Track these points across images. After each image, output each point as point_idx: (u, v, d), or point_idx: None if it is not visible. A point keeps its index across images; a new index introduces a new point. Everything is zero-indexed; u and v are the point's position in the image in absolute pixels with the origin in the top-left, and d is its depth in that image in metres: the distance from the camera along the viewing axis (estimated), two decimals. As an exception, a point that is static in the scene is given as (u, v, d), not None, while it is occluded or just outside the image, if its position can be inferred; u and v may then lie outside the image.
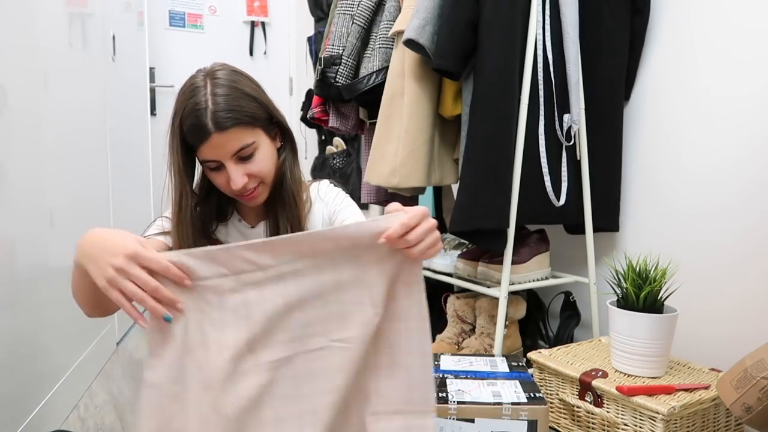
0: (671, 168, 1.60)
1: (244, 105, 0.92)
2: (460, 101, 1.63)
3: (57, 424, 1.51)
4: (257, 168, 0.94)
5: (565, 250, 1.87)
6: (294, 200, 1.01)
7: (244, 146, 0.92)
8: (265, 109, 0.97)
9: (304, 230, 1.01)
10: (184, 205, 0.96)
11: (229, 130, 0.90)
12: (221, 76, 0.93)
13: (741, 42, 1.43)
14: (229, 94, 0.91)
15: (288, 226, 1.01)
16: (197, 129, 0.90)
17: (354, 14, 1.82)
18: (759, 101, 1.40)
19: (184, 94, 0.93)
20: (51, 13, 1.60)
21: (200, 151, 0.92)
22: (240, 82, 0.94)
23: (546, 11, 1.53)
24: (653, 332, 1.26)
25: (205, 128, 0.89)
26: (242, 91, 0.93)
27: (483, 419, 1.10)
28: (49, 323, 1.52)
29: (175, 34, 3.49)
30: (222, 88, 0.91)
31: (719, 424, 1.27)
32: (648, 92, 1.66)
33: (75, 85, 1.79)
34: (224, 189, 0.97)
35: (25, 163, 1.38)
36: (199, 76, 0.93)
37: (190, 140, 0.92)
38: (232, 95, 0.91)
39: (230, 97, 0.91)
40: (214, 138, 0.90)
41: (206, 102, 0.90)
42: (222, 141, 0.90)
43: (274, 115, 0.99)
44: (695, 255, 1.53)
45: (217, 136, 0.90)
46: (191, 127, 0.90)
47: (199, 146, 0.91)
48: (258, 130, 0.95)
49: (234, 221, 1.06)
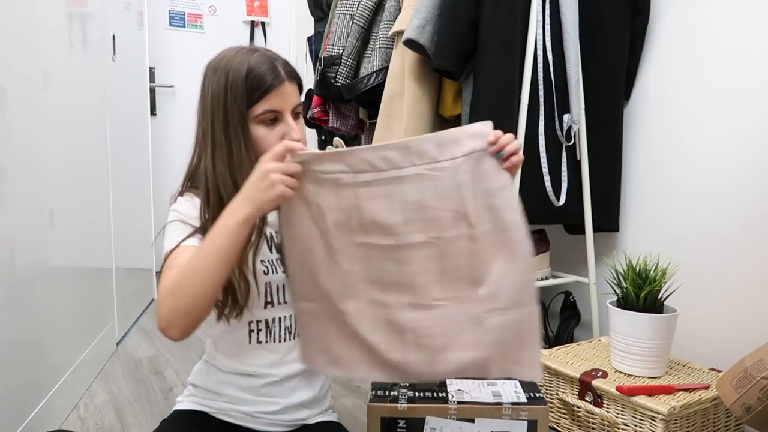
0: (671, 168, 1.60)
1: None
2: (460, 101, 1.63)
3: (57, 424, 1.51)
4: (300, 130, 0.97)
5: (565, 250, 1.87)
6: None
7: (299, 103, 0.97)
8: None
9: None
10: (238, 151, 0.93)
11: (295, 81, 0.96)
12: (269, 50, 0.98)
13: (741, 42, 1.43)
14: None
15: None
16: (272, 74, 0.92)
17: (354, 14, 1.82)
18: (760, 102, 1.40)
19: (238, 55, 0.94)
20: (51, 13, 1.60)
21: (265, 100, 0.93)
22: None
23: (546, 11, 1.53)
24: (653, 332, 1.26)
25: (279, 74, 0.93)
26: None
27: (483, 419, 1.10)
28: (49, 323, 1.52)
29: (175, 34, 3.49)
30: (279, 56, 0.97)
31: (719, 424, 1.27)
32: (648, 92, 1.66)
33: (75, 85, 1.79)
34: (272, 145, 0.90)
35: (25, 163, 1.38)
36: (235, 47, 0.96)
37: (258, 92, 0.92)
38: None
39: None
40: (285, 85, 0.93)
41: (274, 54, 0.95)
42: (290, 91, 0.94)
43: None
44: (695, 255, 1.53)
45: (288, 84, 0.94)
46: (265, 73, 0.92)
47: (267, 95, 0.92)
48: None
49: None
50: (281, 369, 1.01)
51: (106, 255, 2.08)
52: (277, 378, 1.01)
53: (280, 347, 1.01)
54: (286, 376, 1.02)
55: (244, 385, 1.01)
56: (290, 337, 1.02)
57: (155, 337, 2.28)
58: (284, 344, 1.01)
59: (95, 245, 1.98)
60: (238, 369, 1.01)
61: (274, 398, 1.02)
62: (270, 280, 0.99)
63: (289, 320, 1.02)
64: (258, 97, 0.92)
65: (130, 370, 1.93)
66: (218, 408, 1.02)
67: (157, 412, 1.61)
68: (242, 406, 1.01)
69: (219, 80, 0.93)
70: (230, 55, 0.95)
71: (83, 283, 1.84)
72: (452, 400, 1.12)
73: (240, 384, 1.01)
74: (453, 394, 1.14)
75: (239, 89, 0.92)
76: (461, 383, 1.20)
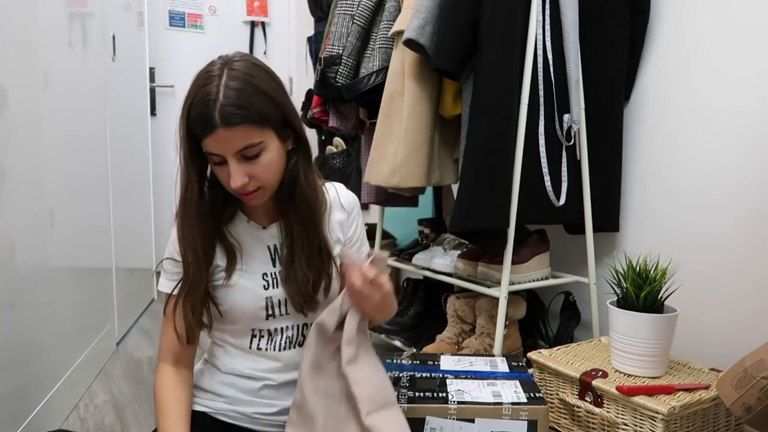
0: (671, 168, 1.60)
1: (255, 102, 0.87)
2: (460, 101, 1.63)
3: (57, 424, 1.51)
4: (261, 170, 0.90)
5: (565, 250, 1.87)
6: (309, 207, 0.97)
7: (249, 145, 0.87)
8: (279, 108, 0.91)
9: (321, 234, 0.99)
10: (190, 195, 0.94)
11: (235, 126, 0.85)
12: (238, 67, 0.88)
13: (741, 42, 1.43)
14: (243, 88, 0.86)
15: (303, 232, 0.98)
16: (203, 120, 0.86)
17: (354, 14, 1.82)
18: (760, 102, 1.40)
19: (197, 81, 0.89)
20: (51, 13, 1.60)
21: (204, 142, 0.88)
22: (257, 77, 0.89)
23: (546, 11, 1.53)
24: (653, 332, 1.26)
25: (211, 120, 0.85)
26: (257, 87, 0.88)
27: (483, 419, 1.10)
28: (49, 323, 1.52)
29: (175, 34, 3.49)
30: (236, 81, 0.86)
31: (719, 424, 1.27)
32: (648, 92, 1.66)
33: (75, 85, 1.79)
34: (225, 184, 0.93)
35: (25, 163, 1.38)
36: (216, 63, 0.89)
37: (195, 130, 0.88)
38: (245, 90, 0.86)
39: (243, 92, 0.86)
40: (219, 132, 0.85)
41: (217, 93, 0.85)
42: (227, 136, 0.86)
43: (288, 117, 0.93)
44: (695, 255, 1.53)
45: (222, 131, 0.85)
46: (198, 117, 0.86)
47: (204, 138, 0.88)
48: (268, 130, 0.89)
49: (242, 222, 1.02)
50: (280, 375, 1.02)
51: (106, 255, 2.08)
52: (275, 382, 1.01)
53: (280, 356, 1.02)
54: (284, 382, 1.02)
55: (242, 386, 1.01)
56: (291, 346, 1.02)
57: (155, 337, 2.28)
58: (285, 353, 1.02)
59: (95, 245, 1.98)
60: (237, 370, 1.01)
61: (272, 401, 1.02)
62: (270, 295, 1.00)
63: (291, 330, 1.02)
64: (199, 138, 0.89)
65: (130, 370, 1.93)
66: (217, 408, 1.02)
67: (157, 412, 1.60)
68: (240, 407, 1.01)
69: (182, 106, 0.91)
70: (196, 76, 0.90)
71: (83, 283, 1.84)
72: (452, 400, 1.12)
73: (238, 385, 1.02)
74: (453, 394, 1.14)
75: (186, 125, 0.90)
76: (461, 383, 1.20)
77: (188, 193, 0.94)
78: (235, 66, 0.88)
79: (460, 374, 1.26)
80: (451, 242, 1.87)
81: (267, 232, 1.02)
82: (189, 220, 0.95)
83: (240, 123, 0.86)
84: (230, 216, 1.02)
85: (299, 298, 0.98)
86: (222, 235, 0.99)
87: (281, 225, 1.00)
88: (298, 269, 0.97)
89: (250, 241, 1.01)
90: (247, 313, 0.99)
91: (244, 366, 1.01)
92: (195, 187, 0.94)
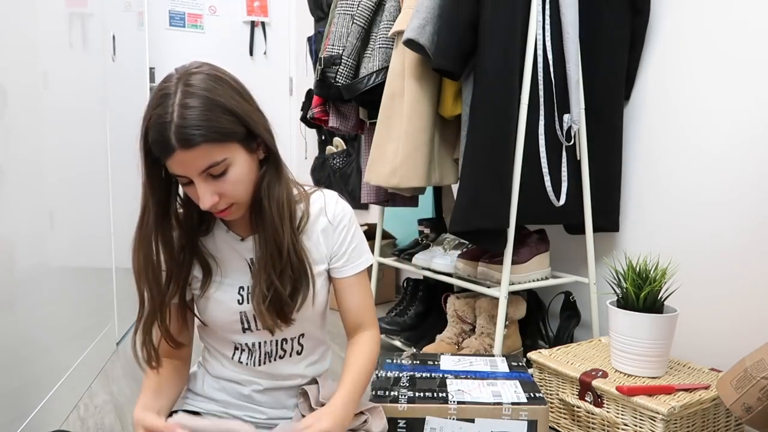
0: (671, 168, 1.60)
1: (214, 119, 0.81)
2: (460, 101, 1.63)
3: (57, 424, 1.51)
4: (229, 187, 0.85)
5: (565, 250, 1.87)
6: (279, 217, 0.91)
7: (212, 164, 0.82)
8: (242, 121, 0.85)
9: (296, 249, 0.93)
10: (146, 220, 0.89)
11: (195, 147, 0.80)
12: (195, 82, 0.82)
13: (741, 42, 1.43)
14: (199, 106, 0.80)
15: (274, 246, 0.91)
16: (160, 144, 0.80)
17: (354, 14, 1.82)
18: (760, 103, 1.40)
19: (153, 100, 0.83)
20: (51, 13, 1.60)
21: (168, 165, 0.84)
22: (216, 90, 0.82)
23: (546, 11, 1.53)
24: (653, 332, 1.26)
25: (168, 144, 0.79)
26: (216, 103, 0.82)
27: (483, 419, 1.10)
28: (49, 323, 1.52)
29: (175, 34, 3.49)
30: (193, 98, 0.80)
31: (719, 424, 1.27)
32: (648, 92, 1.66)
33: (75, 85, 1.79)
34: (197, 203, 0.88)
35: (25, 163, 1.38)
36: (172, 78, 0.83)
37: (155, 152, 0.83)
38: (202, 107, 0.80)
39: (199, 110, 0.80)
40: (178, 155, 0.80)
41: (172, 114, 0.79)
42: (187, 158, 0.81)
43: (253, 128, 0.86)
44: (695, 255, 1.53)
45: (181, 153, 0.80)
46: (155, 141, 0.81)
47: (165, 161, 0.83)
48: (232, 144, 0.84)
49: (221, 232, 0.98)
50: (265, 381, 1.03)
51: (106, 255, 2.08)
52: (261, 387, 1.02)
53: (260, 370, 1.02)
54: (271, 387, 1.03)
55: (232, 391, 1.03)
56: (270, 360, 1.02)
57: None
58: (264, 366, 1.02)
59: (95, 245, 1.98)
60: (225, 375, 1.03)
61: (261, 407, 1.03)
62: (245, 310, 0.97)
63: (269, 345, 1.01)
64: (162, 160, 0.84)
65: (130, 370, 1.93)
66: (209, 410, 1.03)
67: (157, 412, 1.60)
68: (233, 410, 1.02)
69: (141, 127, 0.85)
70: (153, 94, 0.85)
71: (83, 283, 1.84)
72: (452, 400, 1.12)
73: (228, 390, 1.03)
74: (453, 394, 1.14)
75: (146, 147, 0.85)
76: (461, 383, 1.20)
77: (144, 220, 0.90)
78: (192, 81, 0.82)
79: (460, 374, 1.26)
80: (451, 242, 1.87)
81: (245, 244, 0.98)
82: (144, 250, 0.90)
83: (200, 143, 0.80)
84: (206, 228, 0.98)
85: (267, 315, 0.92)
86: (197, 250, 0.96)
87: (256, 239, 0.95)
88: (267, 284, 0.92)
89: (228, 253, 0.98)
90: (222, 325, 0.99)
91: (230, 372, 1.02)
92: (152, 213, 0.89)
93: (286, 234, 0.92)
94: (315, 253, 0.98)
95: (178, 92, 0.81)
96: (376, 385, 1.20)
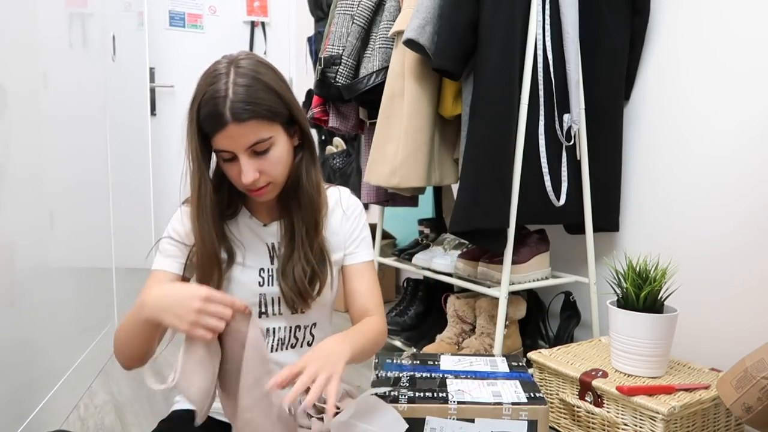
0: (671, 168, 1.60)
1: (264, 98, 0.89)
2: (460, 101, 1.63)
3: (57, 424, 1.51)
4: (270, 165, 0.92)
5: (565, 250, 1.87)
6: (310, 203, 0.99)
7: (259, 140, 0.89)
8: (286, 105, 0.93)
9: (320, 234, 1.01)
10: (204, 192, 0.94)
11: (246, 122, 0.87)
12: (245, 65, 0.90)
13: (741, 42, 1.43)
14: (251, 85, 0.88)
15: (303, 228, 0.99)
16: (214, 117, 0.87)
17: (354, 14, 1.82)
18: (760, 103, 1.40)
19: (205, 80, 0.90)
20: (51, 13, 1.60)
21: (215, 139, 0.90)
22: (264, 74, 0.91)
23: (546, 11, 1.53)
24: (653, 332, 1.26)
25: (222, 117, 0.86)
26: (264, 84, 0.90)
27: (483, 419, 1.10)
28: (49, 323, 1.52)
29: (175, 34, 3.49)
30: (244, 78, 0.88)
31: (719, 424, 1.27)
32: (648, 92, 1.66)
33: (75, 85, 1.79)
34: (235, 181, 0.94)
35: (25, 163, 1.38)
36: (222, 62, 0.90)
37: (205, 128, 0.90)
38: (253, 86, 0.88)
39: (251, 89, 0.88)
40: (230, 128, 0.87)
41: (226, 90, 0.87)
42: (238, 132, 0.88)
43: (294, 113, 0.95)
44: (695, 255, 1.53)
45: (233, 126, 0.87)
46: (208, 115, 0.88)
47: (215, 135, 0.89)
48: (276, 125, 0.92)
49: (244, 218, 1.03)
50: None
51: (106, 255, 2.08)
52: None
53: (272, 358, 1.01)
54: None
55: None
56: (283, 347, 1.02)
57: (155, 337, 2.28)
58: (276, 354, 1.02)
59: (95, 245, 1.98)
60: None
61: None
62: (264, 292, 1.00)
63: (283, 332, 1.02)
64: (210, 135, 0.90)
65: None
66: (214, 408, 1.02)
67: (157, 412, 1.61)
68: None
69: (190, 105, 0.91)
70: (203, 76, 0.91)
71: (83, 283, 1.84)
72: (452, 400, 1.12)
73: None
74: (453, 394, 1.14)
75: (195, 123, 0.90)
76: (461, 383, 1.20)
77: (202, 192, 0.94)
78: (242, 64, 0.90)
79: (460, 374, 1.26)
80: (451, 242, 1.87)
81: (267, 229, 1.03)
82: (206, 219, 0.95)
83: (250, 118, 0.87)
84: (233, 212, 1.03)
85: (293, 294, 0.98)
86: (224, 233, 1.00)
87: (282, 224, 1.02)
88: (296, 265, 0.98)
89: (250, 237, 1.02)
90: None
91: None
92: (208, 185, 0.95)
93: (318, 218, 1.00)
94: (332, 241, 1.04)
95: (230, 72, 0.88)
96: (376, 385, 1.20)
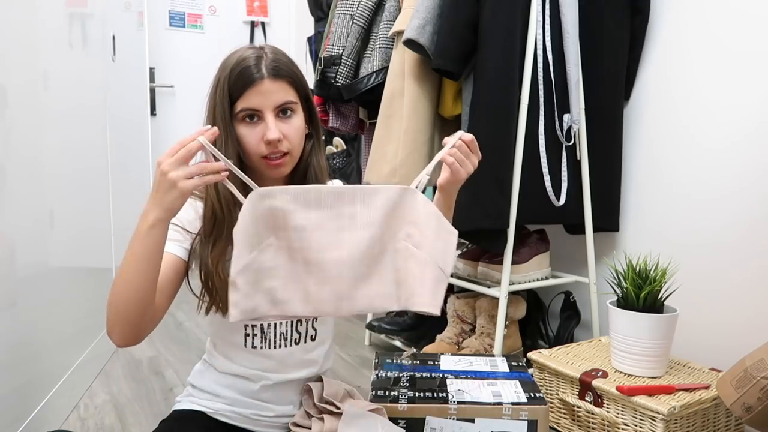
0: (671, 168, 1.60)
1: (294, 69, 0.96)
2: (460, 101, 1.63)
3: (57, 424, 1.51)
4: (292, 131, 0.94)
5: (565, 250, 1.87)
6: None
7: (287, 102, 0.93)
8: (305, 87, 0.99)
9: None
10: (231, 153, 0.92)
11: (280, 79, 0.92)
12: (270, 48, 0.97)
13: (741, 41, 1.43)
14: (282, 57, 0.95)
15: None
16: (249, 74, 0.91)
17: (354, 14, 1.82)
18: (760, 102, 1.40)
19: (237, 52, 0.94)
20: (51, 13, 1.60)
21: (244, 97, 0.91)
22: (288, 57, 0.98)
23: (546, 11, 1.53)
24: (653, 332, 1.26)
25: (258, 72, 0.91)
26: (291, 61, 0.97)
27: (483, 419, 1.10)
28: (49, 323, 1.52)
29: (175, 34, 3.49)
30: (274, 53, 0.95)
31: (719, 424, 1.27)
32: (648, 92, 1.66)
33: (75, 85, 1.79)
34: (252, 148, 0.93)
35: (25, 163, 1.38)
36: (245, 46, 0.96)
37: (238, 88, 0.91)
38: (284, 59, 0.95)
39: (283, 59, 0.95)
40: (265, 83, 0.91)
41: (260, 56, 0.93)
42: (271, 88, 0.92)
43: (310, 97, 1.00)
44: (695, 255, 1.53)
45: (268, 81, 0.91)
46: (242, 73, 0.91)
47: (246, 92, 0.91)
48: (299, 98, 0.97)
49: None
50: (276, 375, 1.02)
51: (106, 255, 2.08)
52: (271, 382, 1.01)
53: (274, 354, 1.01)
54: (282, 381, 1.02)
55: (241, 387, 1.02)
56: (285, 344, 1.02)
57: (155, 338, 2.28)
58: (279, 351, 1.02)
59: (95, 245, 1.98)
60: (234, 370, 1.01)
61: (270, 404, 1.02)
62: None
63: (284, 326, 1.01)
64: (238, 95, 0.92)
65: (130, 370, 1.93)
66: (216, 409, 1.02)
67: (158, 412, 1.61)
68: (239, 408, 1.01)
69: (216, 76, 0.95)
70: (230, 54, 0.96)
71: (83, 283, 1.84)
72: (452, 400, 1.12)
73: (236, 386, 1.02)
74: (453, 394, 1.14)
75: (224, 86, 0.92)
76: (461, 383, 1.20)
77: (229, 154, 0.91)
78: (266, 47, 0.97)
79: (460, 374, 1.26)
80: (451, 242, 1.87)
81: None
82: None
83: (285, 77, 0.93)
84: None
85: None
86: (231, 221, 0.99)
87: None
88: None
89: None
90: None
91: (240, 365, 1.01)
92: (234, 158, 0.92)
93: None
94: None
95: (265, 47, 0.96)
96: (376, 385, 1.20)
